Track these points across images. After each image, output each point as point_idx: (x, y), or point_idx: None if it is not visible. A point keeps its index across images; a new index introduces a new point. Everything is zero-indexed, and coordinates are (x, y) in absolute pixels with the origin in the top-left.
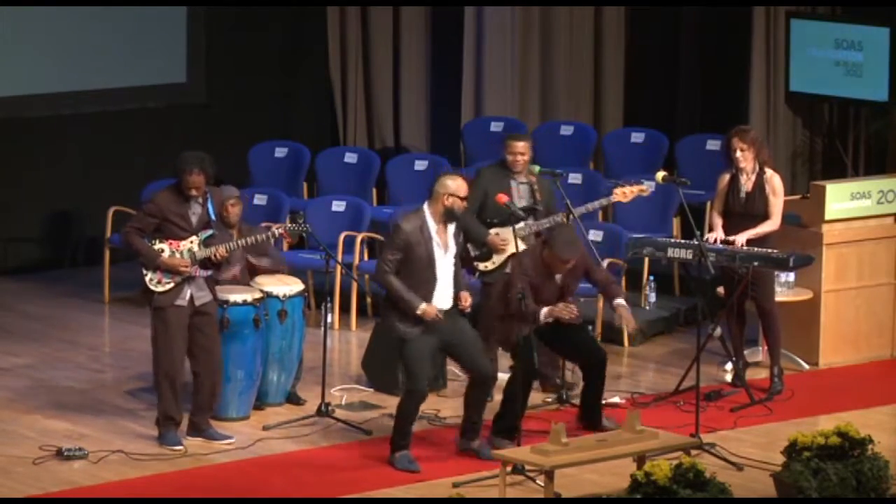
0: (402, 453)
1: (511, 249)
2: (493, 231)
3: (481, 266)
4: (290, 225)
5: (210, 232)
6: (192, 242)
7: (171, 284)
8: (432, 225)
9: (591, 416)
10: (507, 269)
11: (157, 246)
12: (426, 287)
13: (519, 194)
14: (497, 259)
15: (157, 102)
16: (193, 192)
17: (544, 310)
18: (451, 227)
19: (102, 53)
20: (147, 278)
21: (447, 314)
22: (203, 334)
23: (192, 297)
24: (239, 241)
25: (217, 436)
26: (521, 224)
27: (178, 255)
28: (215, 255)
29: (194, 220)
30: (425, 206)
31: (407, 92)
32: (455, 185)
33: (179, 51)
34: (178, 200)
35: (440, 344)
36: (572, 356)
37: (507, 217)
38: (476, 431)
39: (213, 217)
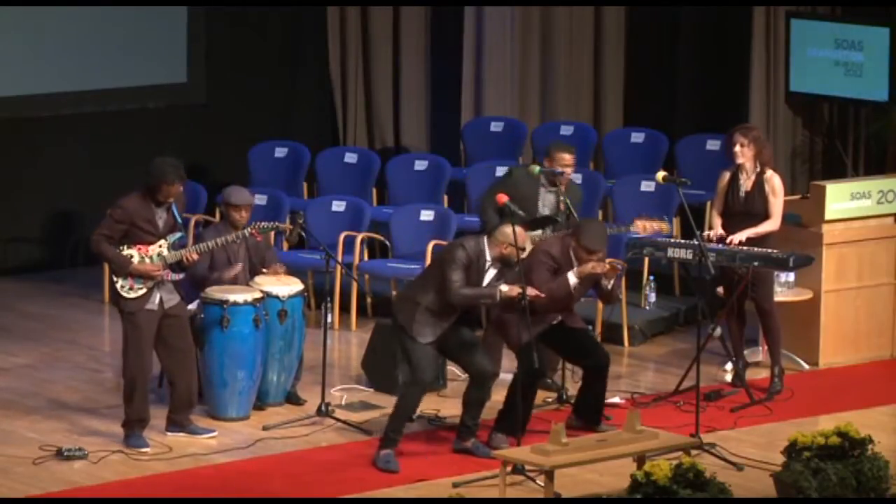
0: (386, 452)
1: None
2: None
3: None
4: (261, 224)
5: (179, 234)
6: (160, 247)
7: (143, 290)
8: (488, 259)
9: (589, 416)
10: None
11: (126, 252)
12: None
13: (544, 203)
14: None
15: (157, 102)
16: (171, 200)
17: (574, 270)
18: (493, 270)
19: (102, 53)
20: (118, 285)
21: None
22: (175, 336)
23: (161, 301)
24: (209, 243)
25: (199, 430)
26: (539, 232)
27: (147, 261)
28: (187, 259)
29: (161, 224)
30: (485, 240)
31: (407, 92)
32: (510, 234)
33: (179, 51)
34: (146, 206)
35: (438, 345)
36: (574, 357)
37: (529, 220)
38: (471, 433)
39: (178, 220)
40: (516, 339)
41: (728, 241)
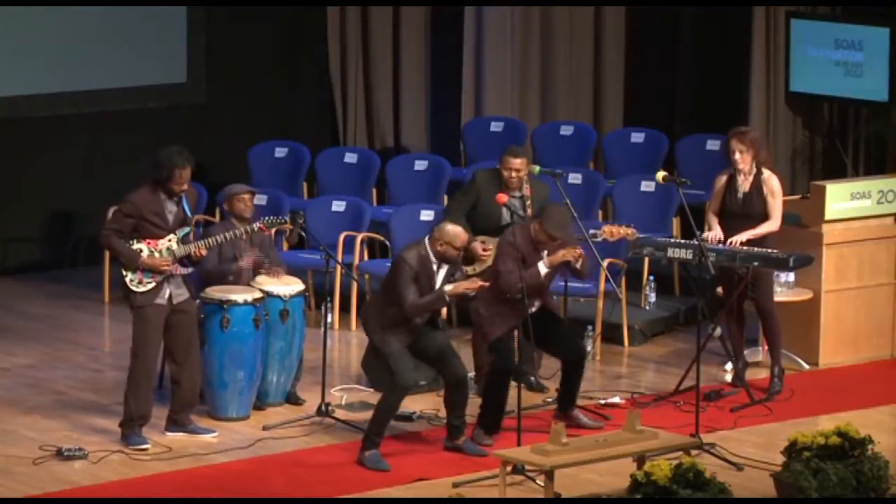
0: (372, 452)
1: (491, 262)
2: (479, 238)
3: (468, 269)
4: (269, 218)
5: (187, 229)
6: (170, 241)
7: (153, 284)
8: (433, 261)
9: (562, 403)
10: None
11: (136, 246)
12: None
13: (509, 207)
14: (478, 267)
15: (157, 102)
16: (185, 187)
17: (544, 260)
18: (445, 267)
19: (102, 53)
20: (128, 279)
21: (421, 329)
22: (182, 332)
23: (170, 296)
24: (217, 238)
25: (200, 430)
26: None
27: (156, 255)
28: (196, 253)
29: (170, 218)
30: (426, 242)
31: (407, 92)
32: (452, 234)
33: (179, 51)
34: (155, 199)
35: (412, 350)
36: (553, 350)
37: (496, 228)
38: (459, 431)
39: (188, 213)
40: (489, 335)
41: (728, 242)
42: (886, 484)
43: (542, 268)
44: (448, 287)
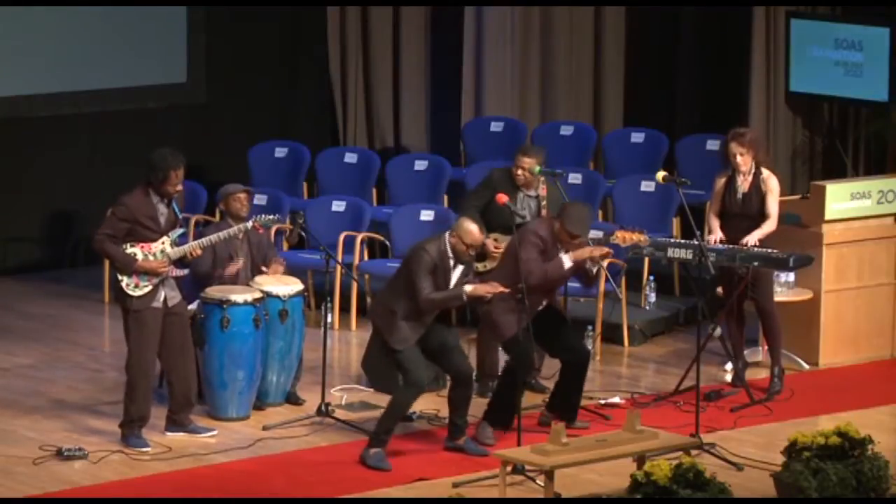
0: (377, 451)
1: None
2: (492, 235)
3: (479, 266)
4: (263, 217)
5: (181, 231)
6: (163, 244)
7: (149, 287)
8: (451, 257)
9: (564, 413)
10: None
11: (130, 250)
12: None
13: (523, 207)
14: (489, 264)
15: (157, 102)
16: (179, 189)
17: (569, 254)
18: (460, 267)
19: (102, 53)
20: (123, 283)
21: (430, 325)
22: (177, 335)
23: (165, 299)
24: (212, 238)
25: (199, 430)
26: None
27: (151, 258)
28: (191, 254)
29: (163, 220)
30: (446, 236)
31: (407, 92)
32: (465, 230)
33: (179, 51)
34: (148, 202)
35: (420, 347)
36: (556, 352)
37: (509, 226)
38: (461, 430)
39: (179, 215)
40: (504, 333)
41: (741, 243)
42: (886, 484)
43: (567, 261)
44: (468, 288)
